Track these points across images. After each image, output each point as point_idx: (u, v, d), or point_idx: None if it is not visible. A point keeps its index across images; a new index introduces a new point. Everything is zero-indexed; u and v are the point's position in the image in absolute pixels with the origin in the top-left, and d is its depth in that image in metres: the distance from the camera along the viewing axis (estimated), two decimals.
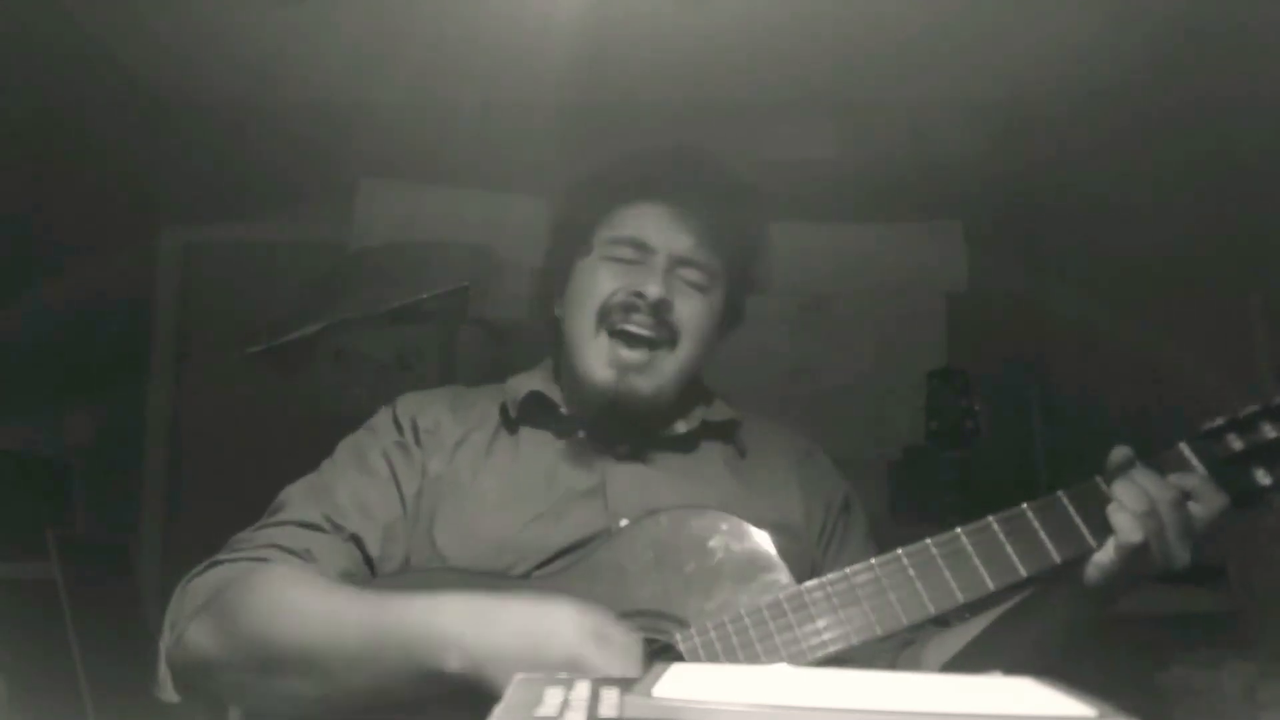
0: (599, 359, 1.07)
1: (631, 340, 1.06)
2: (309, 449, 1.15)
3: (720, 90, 2.80)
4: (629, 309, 1.05)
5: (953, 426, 1.89)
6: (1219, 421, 0.95)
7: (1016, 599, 0.99)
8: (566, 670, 0.79)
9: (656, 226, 1.07)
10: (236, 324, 2.69)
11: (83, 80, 2.46)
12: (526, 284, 1.33)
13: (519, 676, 0.55)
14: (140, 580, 2.62)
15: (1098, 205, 2.71)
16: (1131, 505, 0.88)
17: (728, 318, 1.15)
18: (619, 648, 0.81)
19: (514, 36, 2.37)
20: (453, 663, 0.82)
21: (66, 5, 2.32)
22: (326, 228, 2.87)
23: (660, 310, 1.05)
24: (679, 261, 1.07)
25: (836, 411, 2.79)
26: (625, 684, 0.51)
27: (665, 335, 1.06)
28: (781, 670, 0.86)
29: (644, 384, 1.06)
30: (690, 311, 1.08)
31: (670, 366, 1.08)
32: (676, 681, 0.51)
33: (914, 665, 1.07)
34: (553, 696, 0.50)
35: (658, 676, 0.52)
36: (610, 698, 0.49)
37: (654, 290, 1.04)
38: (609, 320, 1.06)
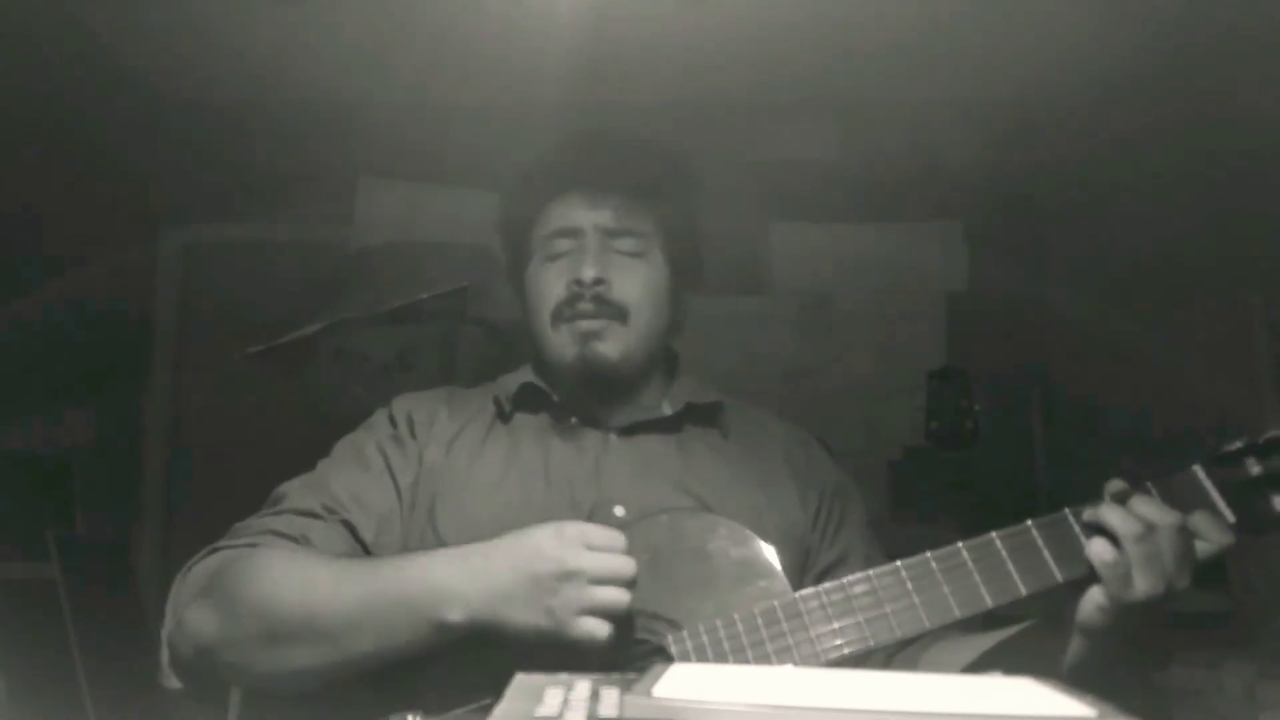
0: (562, 345, 1.11)
1: (584, 317, 1.10)
2: (309, 449, 1.16)
3: (720, 90, 2.80)
4: (573, 300, 1.10)
5: (953, 426, 1.89)
6: (1237, 445, 0.93)
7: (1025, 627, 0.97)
8: (565, 582, 0.84)
9: (580, 208, 1.12)
10: (236, 324, 2.69)
11: (83, 80, 2.46)
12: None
13: (519, 676, 0.55)
14: (140, 580, 2.62)
15: (1098, 205, 2.71)
16: (1121, 529, 0.87)
17: (680, 276, 1.17)
18: (604, 547, 0.87)
19: (514, 36, 2.37)
20: (455, 613, 0.86)
21: (66, 5, 2.32)
22: (326, 228, 2.87)
23: (598, 288, 1.09)
24: (608, 233, 1.11)
25: (836, 411, 2.79)
26: (625, 684, 0.51)
27: (611, 313, 1.10)
28: (781, 670, 0.86)
29: (608, 349, 1.10)
30: (633, 281, 1.11)
31: (629, 336, 1.11)
32: (676, 681, 0.51)
33: (911, 665, 1.07)
34: (553, 696, 0.50)
35: (658, 676, 0.52)
36: (610, 698, 0.49)
37: (588, 273, 1.08)
38: (562, 316, 1.11)
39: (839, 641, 0.89)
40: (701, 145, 2.84)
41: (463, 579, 0.87)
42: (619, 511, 1.04)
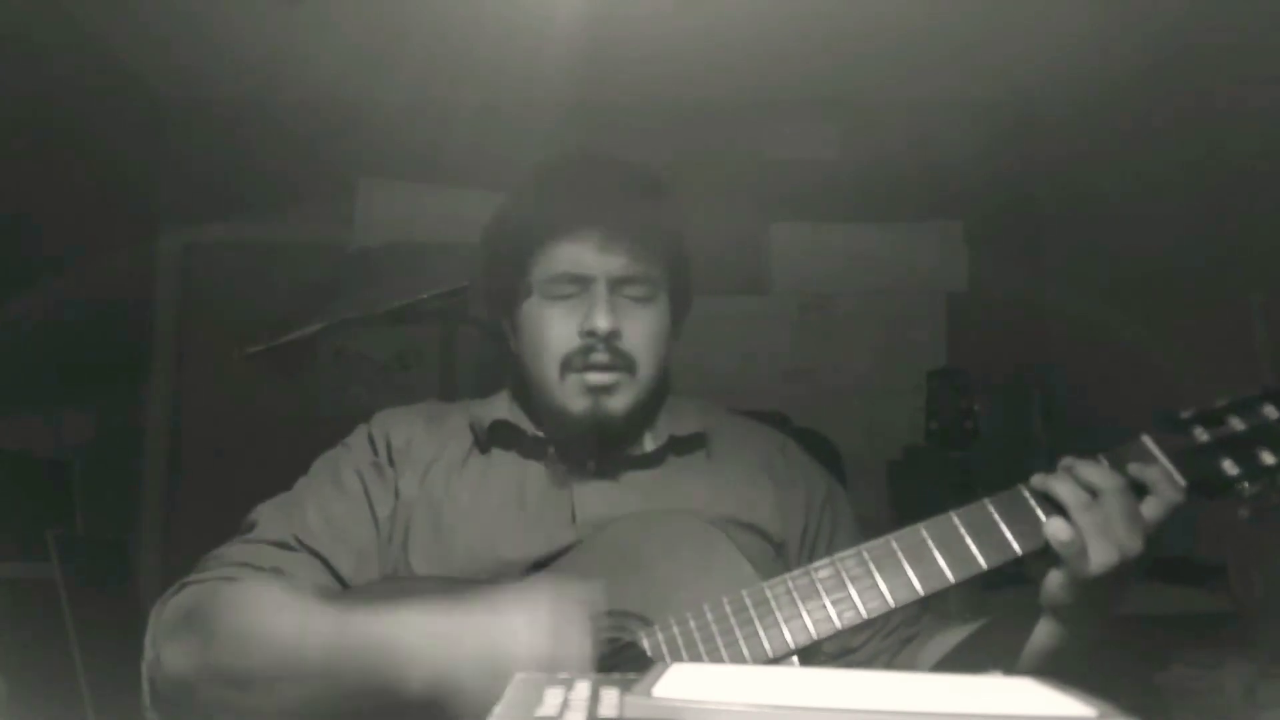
0: (571, 396, 1.07)
1: (596, 369, 1.07)
2: (309, 449, 1.15)
3: (720, 90, 2.80)
4: (586, 351, 1.06)
5: (953, 426, 1.88)
6: (1185, 414, 0.94)
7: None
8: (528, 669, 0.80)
9: (589, 254, 1.07)
10: (236, 324, 2.69)
11: (83, 80, 2.46)
12: None
13: (519, 676, 0.55)
14: (140, 580, 2.62)
15: (1098, 205, 2.71)
16: (1068, 498, 0.88)
17: (676, 313, 1.14)
18: (576, 644, 0.80)
19: (514, 36, 2.37)
20: (414, 684, 0.82)
21: (66, 5, 2.32)
22: (326, 228, 2.87)
23: (612, 340, 1.06)
24: (618, 282, 1.07)
25: (836, 411, 2.79)
26: (625, 684, 0.51)
27: (623, 365, 1.07)
28: (782, 670, 0.86)
29: (616, 404, 1.07)
30: (641, 329, 1.08)
31: (636, 389, 1.08)
32: (676, 681, 0.51)
33: (911, 663, 1.07)
34: (553, 696, 0.50)
35: (658, 676, 0.52)
36: (610, 698, 0.49)
37: (602, 324, 1.04)
38: (572, 366, 1.07)
39: (807, 623, 0.90)
40: (702, 145, 2.86)
41: (426, 647, 0.83)
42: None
